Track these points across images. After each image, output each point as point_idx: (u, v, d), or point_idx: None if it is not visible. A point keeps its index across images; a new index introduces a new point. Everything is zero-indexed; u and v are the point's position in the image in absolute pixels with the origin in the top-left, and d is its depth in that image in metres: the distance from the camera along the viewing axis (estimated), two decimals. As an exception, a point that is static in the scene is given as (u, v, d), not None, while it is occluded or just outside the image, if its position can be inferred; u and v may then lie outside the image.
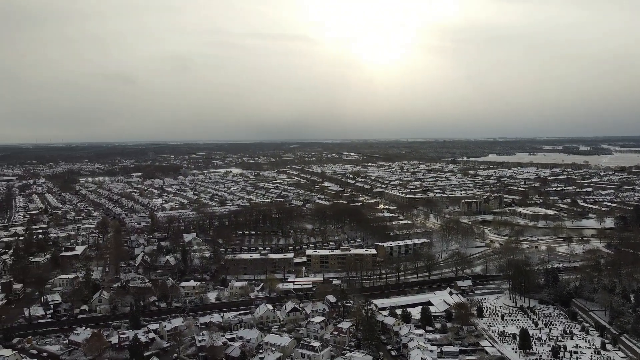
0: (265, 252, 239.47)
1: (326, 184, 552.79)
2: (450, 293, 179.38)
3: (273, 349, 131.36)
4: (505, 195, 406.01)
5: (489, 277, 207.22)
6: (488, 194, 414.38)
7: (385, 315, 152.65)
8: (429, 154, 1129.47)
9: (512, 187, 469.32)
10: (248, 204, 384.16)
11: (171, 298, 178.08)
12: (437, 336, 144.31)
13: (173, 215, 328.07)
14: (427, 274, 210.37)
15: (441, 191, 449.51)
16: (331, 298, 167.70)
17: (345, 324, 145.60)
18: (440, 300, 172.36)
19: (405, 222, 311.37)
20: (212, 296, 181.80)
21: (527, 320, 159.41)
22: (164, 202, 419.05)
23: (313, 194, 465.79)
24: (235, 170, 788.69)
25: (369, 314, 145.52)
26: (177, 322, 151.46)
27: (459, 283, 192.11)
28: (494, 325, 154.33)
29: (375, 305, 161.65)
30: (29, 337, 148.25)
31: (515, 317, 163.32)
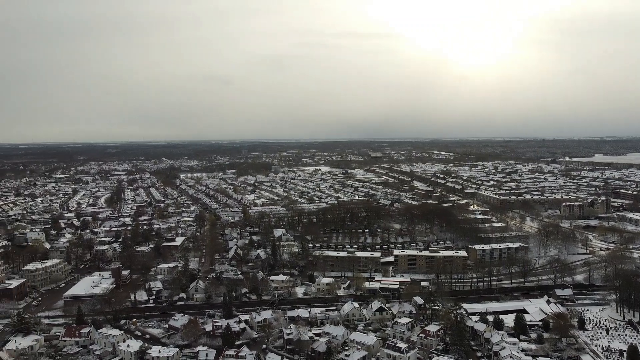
0: (352, 250, 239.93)
1: (415, 183, 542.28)
2: (548, 302, 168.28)
3: (359, 347, 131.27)
4: (613, 199, 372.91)
5: (593, 286, 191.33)
6: (593, 197, 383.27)
7: (475, 321, 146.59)
8: (526, 153, 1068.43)
9: (621, 191, 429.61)
10: (336, 202, 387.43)
11: (261, 291, 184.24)
12: (532, 346, 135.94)
13: (264, 211, 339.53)
14: (522, 280, 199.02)
15: (539, 193, 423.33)
16: (418, 300, 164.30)
17: (433, 327, 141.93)
18: (536, 309, 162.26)
19: (499, 224, 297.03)
20: (299, 291, 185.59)
21: (636, 336, 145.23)
22: (255, 198, 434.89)
23: (401, 193, 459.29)
24: (323, 168, 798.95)
25: (459, 319, 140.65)
26: (267, 314, 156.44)
27: (558, 292, 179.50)
28: (598, 340, 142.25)
29: (465, 310, 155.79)
30: (134, 320, 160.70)
31: (623, 332, 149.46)
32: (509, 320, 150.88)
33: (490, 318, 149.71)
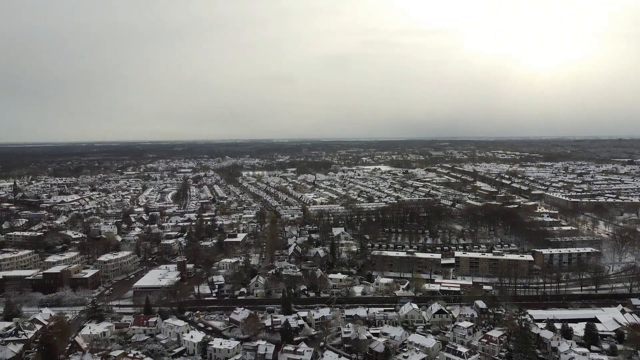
0: (412, 250, 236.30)
1: (478, 183, 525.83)
2: (623, 311, 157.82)
3: (417, 349, 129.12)
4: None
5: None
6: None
7: (541, 328, 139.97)
8: (600, 153, 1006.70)
9: None
10: (395, 202, 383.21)
11: (319, 288, 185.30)
12: (604, 358, 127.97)
13: (323, 210, 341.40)
14: (593, 287, 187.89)
15: (614, 196, 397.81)
16: (480, 304, 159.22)
17: (495, 333, 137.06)
18: (609, 318, 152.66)
19: (568, 228, 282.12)
20: (357, 290, 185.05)
21: None
22: (315, 196, 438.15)
23: (464, 193, 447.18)
24: (383, 168, 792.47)
25: (524, 325, 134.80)
26: (325, 312, 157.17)
27: (634, 301, 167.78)
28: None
29: (531, 316, 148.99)
30: (198, 312, 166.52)
31: None
32: (578, 329, 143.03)
33: (558, 326, 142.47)
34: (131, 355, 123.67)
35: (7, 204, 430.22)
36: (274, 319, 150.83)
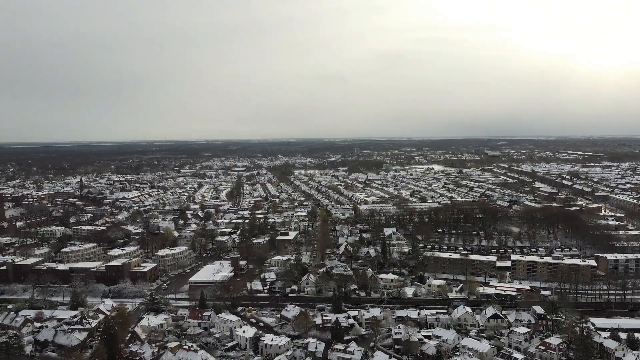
0: (466, 252, 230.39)
1: (537, 184, 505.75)
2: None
3: (470, 353, 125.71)
4: None
5: None
6: None
7: (605, 337, 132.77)
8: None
9: None
10: (449, 202, 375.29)
11: (370, 288, 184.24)
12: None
13: (374, 209, 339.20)
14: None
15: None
16: (538, 309, 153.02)
17: (554, 340, 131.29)
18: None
19: (636, 232, 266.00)
20: (409, 291, 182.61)
21: None
22: (366, 195, 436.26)
23: (521, 194, 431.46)
24: (436, 167, 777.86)
25: (585, 333, 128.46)
26: (375, 312, 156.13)
27: None
28: None
29: (593, 324, 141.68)
30: (250, 307, 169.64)
31: None
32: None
33: (623, 336, 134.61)
34: (186, 347, 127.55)
35: (74, 200, 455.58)
36: (324, 317, 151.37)
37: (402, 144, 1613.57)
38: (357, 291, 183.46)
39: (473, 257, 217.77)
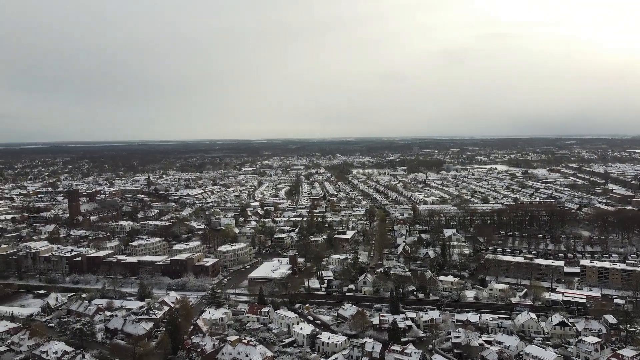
0: (531, 256, 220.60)
1: (610, 186, 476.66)
2: None
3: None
4: None
5: None
6: None
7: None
8: None
9: None
10: (513, 203, 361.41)
11: (429, 290, 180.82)
12: None
13: (434, 209, 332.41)
14: None
15: None
16: (610, 318, 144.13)
17: (628, 352, 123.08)
18: None
19: None
20: (469, 294, 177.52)
21: None
22: (425, 195, 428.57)
23: (592, 197, 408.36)
24: (500, 167, 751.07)
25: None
26: (434, 314, 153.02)
27: None
28: None
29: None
30: (307, 305, 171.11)
31: None
32: None
33: None
34: (245, 341, 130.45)
35: (142, 196, 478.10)
36: (381, 318, 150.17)
37: (464, 143, 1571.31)
38: (415, 292, 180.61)
39: (539, 261, 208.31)
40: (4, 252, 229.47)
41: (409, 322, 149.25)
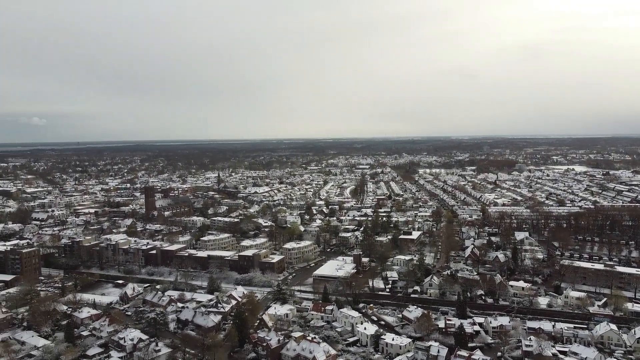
0: (612, 263, 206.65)
1: None
2: None
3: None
4: None
5: None
6: None
7: None
8: None
9: None
10: (592, 206, 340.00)
11: (498, 295, 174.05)
12: None
13: (505, 211, 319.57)
14: None
15: None
16: None
17: None
18: None
19: None
20: (542, 301, 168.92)
21: None
22: (496, 197, 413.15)
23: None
24: (578, 168, 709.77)
25: None
26: (503, 320, 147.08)
27: None
28: None
29: None
30: (371, 305, 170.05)
31: None
32: None
33: None
34: (309, 338, 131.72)
35: (212, 193, 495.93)
36: (447, 322, 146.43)
37: (538, 143, 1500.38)
38: (483, 297, 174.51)
39: (621, 269, 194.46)
40: (88, 243, 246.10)
41: (476, 327, 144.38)
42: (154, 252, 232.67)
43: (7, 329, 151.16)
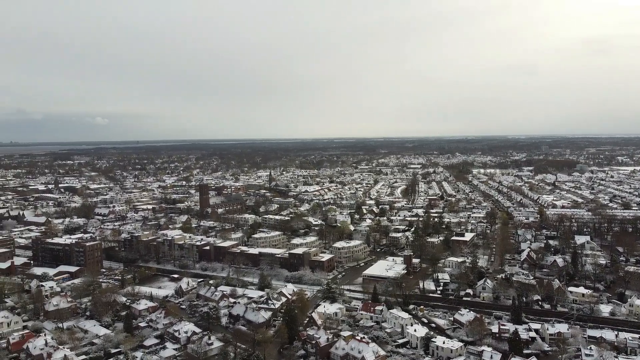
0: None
1: None
2: None
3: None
4: None
5: None
6: None
7: None
8: None
9: None
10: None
11: (556, 301, 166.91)
12: None
13: (564, 214, 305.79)
14: None
15: None
16: None
17: None
18: None
19: None
20: (604, 309, 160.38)
21: None
22: (555, 198, 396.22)
23: None
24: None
25: None
26: (562, 327, 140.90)
27: None
28: None
29: None
30: (422, 307, 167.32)
31: None
32: None
33: None
34: (358, 337, 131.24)
35: (264, 191, 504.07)
36: (501, 327, 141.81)
37: (602, 142, 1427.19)
38: (540, 303, 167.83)
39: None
40: (146, 238, 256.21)
41: (532, 334, 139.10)
42: (208, 248, 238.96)
43: (71, 317, 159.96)
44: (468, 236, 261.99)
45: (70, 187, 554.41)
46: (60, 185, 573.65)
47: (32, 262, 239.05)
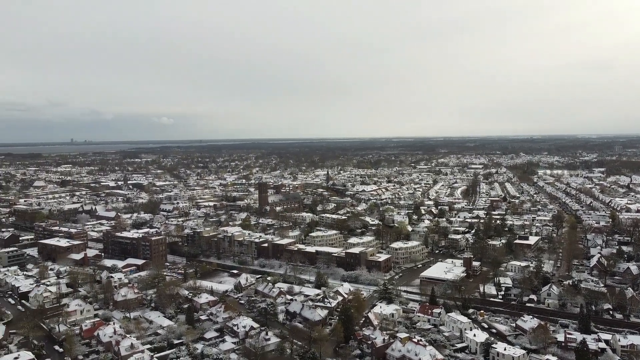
0: None
1: None
2: None
3: None
4: None
5: None
6: None
7: None
8: None
9: None
10: None
11: (629, 311, 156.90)
12: None
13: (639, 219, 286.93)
14: None
15: None
16: None
17: None
18: None
19: None
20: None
21: None
22: (629, 202, 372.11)
23: None
24: None
25: None
26: (635, 339, 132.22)
27: None
28: None
29: None
30: (482, 311, 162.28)
31: None
32: None
33: None
34: (415, 340, 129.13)
35: (321, 190, 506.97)
36: (568, 335, 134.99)
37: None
38: (611, 312, 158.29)
39: None
40: (207, 234, 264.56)
41: (602, 345, 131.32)
42: (266, 245, 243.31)
43: (138, 308, 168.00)
44: (532, 240, 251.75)
45: (137, 183, 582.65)
46: (128, 182, 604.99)
47: (103, 254, 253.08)
